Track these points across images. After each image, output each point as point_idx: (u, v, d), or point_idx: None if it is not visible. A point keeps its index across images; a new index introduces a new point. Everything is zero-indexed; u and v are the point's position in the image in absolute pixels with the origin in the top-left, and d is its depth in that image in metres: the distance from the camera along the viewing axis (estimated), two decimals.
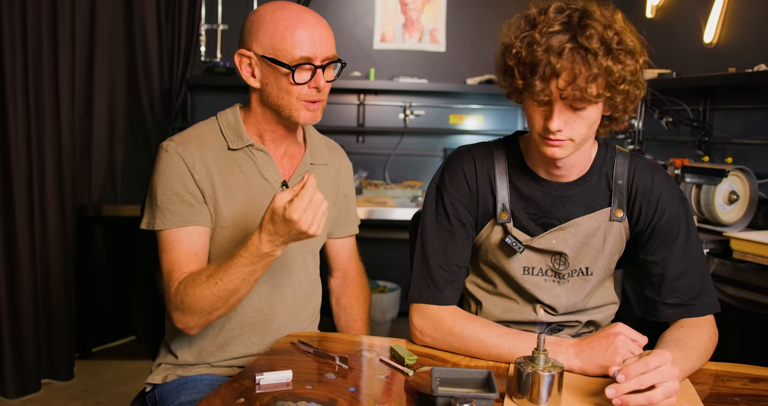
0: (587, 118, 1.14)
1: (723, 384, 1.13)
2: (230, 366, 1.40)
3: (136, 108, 3.31)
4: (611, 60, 1.08)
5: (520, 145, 1.32)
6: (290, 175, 1.40)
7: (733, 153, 2.56)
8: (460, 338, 1.22)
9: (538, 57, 1.09)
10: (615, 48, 1.09)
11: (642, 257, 1.28)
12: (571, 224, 1.26)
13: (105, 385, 2.86)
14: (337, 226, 1.56)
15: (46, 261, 2.77)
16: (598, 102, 1.12)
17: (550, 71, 1.09)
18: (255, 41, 1.28)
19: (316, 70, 1.27)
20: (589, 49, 1.07)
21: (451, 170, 1.31)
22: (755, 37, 2.50)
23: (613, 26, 1.11)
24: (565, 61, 1.07)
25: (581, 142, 1.17)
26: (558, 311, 1.30)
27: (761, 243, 1.84)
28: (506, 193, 1.28)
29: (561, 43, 1.08)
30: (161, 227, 1.29)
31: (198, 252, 1.29)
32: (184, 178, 1.29)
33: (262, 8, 1.30)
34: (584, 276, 1.29)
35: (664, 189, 1.28)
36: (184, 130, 1.38)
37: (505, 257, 1.30)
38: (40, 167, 2.72)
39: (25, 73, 2.64)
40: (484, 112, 3.90)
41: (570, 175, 1.27)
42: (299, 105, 1.29)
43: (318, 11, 1.37)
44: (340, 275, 1.62)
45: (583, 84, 1.08)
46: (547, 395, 1.00)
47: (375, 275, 3.72)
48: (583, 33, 1.08)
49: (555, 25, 1.10)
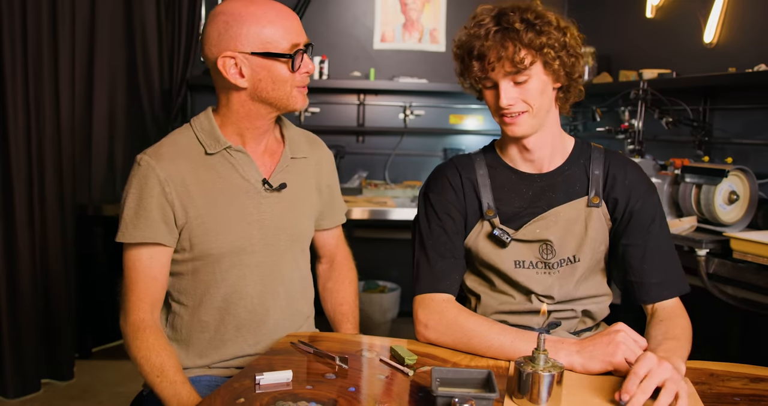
0: (532, 89, 1.27)
1: (723, 384, 1.13)
2: (228, 367, 1.40)
3: (136, 108, 3.31)
4: (532, 32, 1.24)
5: (496, 148, 1.44)
6: (271, 172, 1.39)
7: (733, 153, 2.56)
8: (462, 328, 1.24)
9: (471, 44, 1.29)
10: (535, 22, 1.25)
11: (624, 242, 1.35)
12: (551, 212, 1.35)
13: (105, 385, 2.86)
14: (323, 217, 1.56)
15: (46, 261, 2.77)
16: (529, 69, 1.25)
17: (480, 52, 1.27)
18: (238, 40, 1.26)
19: (304, 53, 1.31)
20: (509, 28, 1.25)
21: (436, 179, 1.43)
22: (755, 37, 2.50)
23: (533, 9, 1.27)
24: (491, 41, 1.26)
25: (537, 112, 1.29)
26: (555, 298, 1.34)
27: (761, 243, 1.84)
28: (490, 193, 1.38)
29: (487, 29, 1.27)
30: (122, 239, 1.30)
31: (157, 275, 1.31)
32: (154, 192, 1.29)
33: (228, 8, 1.28)
34: (572, 264, 1.35)
35: (637, 178, 1.37)
36: (160, 140, 1.36)
37: (496, 253, 1.35)
38: (40, 167, 2.72)
39: (25, 73, 2.64)
40: (484, 112, 3.90)
41: (546, 165, 1.38)
42: (295, 92, 1.32)
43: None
44: (326, 261, 1.64)
45: (511, 55, 1.24)
46: (547, 395, 1.00)
47: (375, 275, 3.72)
48: (506, 18, 1.26)
49: (485, 19, 1.29)
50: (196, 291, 1.37)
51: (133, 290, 1.30)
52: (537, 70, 1.27)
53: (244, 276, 1.37)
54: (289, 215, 1.41)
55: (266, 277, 1.39)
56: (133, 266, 1.30)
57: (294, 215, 1.42)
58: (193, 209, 1.31)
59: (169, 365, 1.24)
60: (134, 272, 1.30)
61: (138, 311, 1.29)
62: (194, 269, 1.35)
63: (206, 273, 1.35)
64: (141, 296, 1.30)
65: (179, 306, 1.39)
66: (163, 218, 1.30)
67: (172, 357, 1.26)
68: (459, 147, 3.82)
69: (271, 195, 1.38)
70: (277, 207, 1.39)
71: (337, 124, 3.80)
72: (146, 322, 1.29)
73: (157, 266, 1.31)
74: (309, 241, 1.51)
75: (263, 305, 1.40)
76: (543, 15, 1.27)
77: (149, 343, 1.26)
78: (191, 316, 1.38)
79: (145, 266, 1.30)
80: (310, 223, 1.49)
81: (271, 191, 1.37)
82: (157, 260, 1.31)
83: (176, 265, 1.36)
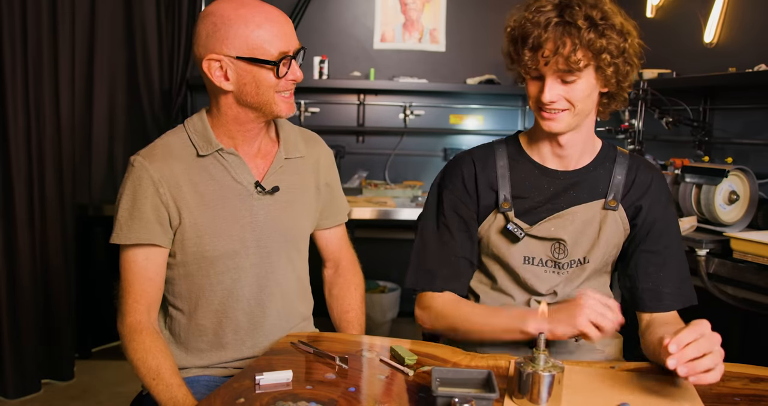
0: (579, 91, 1.23)
1: (723, 384, 1.13)
2: (226, 368, 1.40)
3: (136, 108, 3.31)
4: (594, 33, 1.18)
5: (521, 140, 1.40)
6: (263, 174, 1.38)
7: (733, 153, 2.55)
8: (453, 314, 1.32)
9: (527, 31, 1.21)
10: (599, 23, 1.19)
11: (643, 248, 1.33)
12: (568, 211, 1.32)
13: (105, 385, 2.86)
14: (323, 216, 1.53)
15: (46, 261, 2.77)
16: (582, 70, 1.20)
17: (536, 42, 1.20)
18: (225, 44, 1.24)
19: (291, 61, 1.28)
20: (572, 23, 1.18)
21: (451, 173, 1.40)
22: (755, 37, 2.50)
23: (600, 7, 1.21)
24: (550, 33, 1.19)
25: (578, 113, 1.25)
26: (557, 296, 1.33)
27: (761, 243, 1.84)
28: (508, 186, 1.35)
29: (549, 18, 1.20)
30: (116, 241, 1.29)
31: (153, 276, 1.31)
32: (148, 193, 1.28)
33: (218, 9, 1.26)
34: (581, 265, 1.34)
35: (661, 187, 1.37)
36: (153, 141, 1.36)
37: (506, 246, 1.34)
38: (40, 167, 2.72)
39: (25, 73, 2.64)
40: (484, 112, 3.90)
41: (573, 163, 1.35)
42: (279, 98, 1.29)
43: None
44: (331, 265, 1.61)
45: (567, 53, 1.18)
46: (547, 395, 1.00)
47: (375, 275, 3.72)
48: (570, 11, 1.19)
49: (547, 6, 1.21)
50: (191, 295, 1.36)
51: (130, 291, 1.29)
52: (588, 72, 1.22)
53: (240, 279, 1.36)
54: (283, 217, 1.39)
55: (261, 279, 1.38)
56: (129, 267, 1.30)
57: (288, 215, 1.40)
58: (187, 211, 1.30)
59: (165, 368, 1.24)
60: (130, 274, 1.30)
61: (134, 312, 1.29)
62: (188, 273, 1.35)
63: (201, 276, 1.35)
64: (137, 297, 1.29)
65: (176, 311, 1.38)
66: (158, 219, 1.29)
67: (168, 359, 1.26)
68: (459, 147, 3.82)
69: (263, 197, 1.36)
70: (271, 209, 1.37)
71: (337, 124, 3.80)
72: (143, 324, 1.28)
73: (153, 266, 1.31)
74: (305, 241, 1.49)
75: (260, 307, 1.39)
76: (609, 16, 1.20)
77: (145, 345, 1.26)
78: (189, 320, 1.37)
79: (140, 267, 1.29)
80: (306, 223, 1.47)
81: (263, 194, 1.36)
82: (153, 261, 1.30)
83: (170, 269, 1.35)
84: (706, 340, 1.00)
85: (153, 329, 1.29)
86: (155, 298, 1.32)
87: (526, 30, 1.21)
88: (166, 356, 1.26)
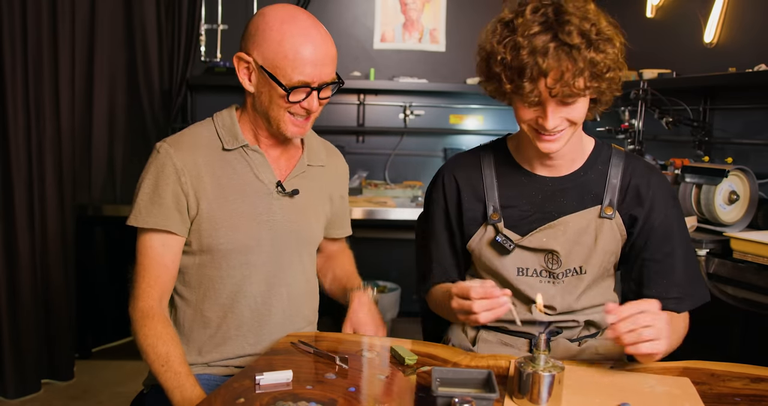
0: (578, 109, 1.18)
1: (723, 384, 1.13)
2: (227, 366, 1.40)
3: (136, 108, 3.31)
4: (593, 51, 1.12)
5: (509, 145, 1.36)
6: (285, 176, 1.40)
7: (733, 153, 2.55)
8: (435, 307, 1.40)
9: (524, 60, 1.12)
10: (595, 39, 1.12)
11: (644, 256, 1.30)
12: (560, 222, 1.28)
13: (105, 385, 2.86)
14: (332, 227, 1.57)
15: (46, 261, 2.77)
16: (586, 95, 1.17)
17: (537, 72, 1.11)
18: (256, 49, 1.27)
19: (312, 92, 1.27)
20: (572, 45, 1.10)
21: (435, 185, 1.41)
22: (755, 37, 2.50)
23: (589, 17, 1.13)
24: (551, 60, 1.10)
25: (575, 129, 1.23)
26: (556, 309, 1.31)
27: (761, 243, 1.84)
28: (496, 195, 1.32)
29: (544, 43, 1.10)
30: (134, 223, 1.31)
31: (168, 263, 1.32)
32: (170, 180, 1.30)
33: (270, 14, 1.27)
34: (578, 275, 1.30)
35: (660, 190, 1.31)
36: (181, 130, 1.39)
37: (498, 259, 1.32)
38: (40, 168, 2.72)
39: (25, 73, 2.64)
40: (484, 112, 3.90)
41: (563, 169, 1.31)
42: (288, 119, 1.30)
43: (318, 11, 1.38)
44: (324, 256, 1.65)
45: (571, 79, 1.11)
46: (547, 395, 1.00)
47: (375, 275, 3.72)
48: (563, 29, 1.11)
49: (534, 26, 1.12)
50: (200, 286, 1.37)
51: (144, 276, 1.30)
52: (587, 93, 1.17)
53: (250, 275, 1.37)
54: (300, 219, 1.41)
55: (271, 277, 1.40)
56: (146, 252, 1.31)
57: (304, 219, 1.43)
58: (206, 202, 1.32)
59: (175, 356, 1.24)
60: (147, 259, 1.31)
61: (147, 298, 1.30)
62: (201, 263, 1.36)
63: (212, 268, 1.36)
64: (151, 282, 1.30)
65: (182, 301, 1.39)
66: (177, 206, 1.31)
67: (178, 347, 1.26)
68: (459, 147, 3.82)
69: (282, 198, 1.38)
70: (288, 210, 1.39)
71: (337, 124, 3.80)
72: (155, 310, 1.29)
73: (170, 254, 1.32)
74: (317, 245, 1.52)
75: (266, 305, 1.40)
76: (601, 28, 1.13)
77: (157, 331, 1.26)
78: (194, 310, 1.38)
79: (157, 253, 1.31)
80: (319, 227, 1.50)
81: (283, 195, 1.38)
82: (170, 248, 1.32)
83: (184, 256, 1.36)
84: (647, 314, 1.04)
85: (164, 316, 1.30)
86: (168, 286, 1.33)
87: (522, 59, 1.11)
88: (176, 345, 1.26)
